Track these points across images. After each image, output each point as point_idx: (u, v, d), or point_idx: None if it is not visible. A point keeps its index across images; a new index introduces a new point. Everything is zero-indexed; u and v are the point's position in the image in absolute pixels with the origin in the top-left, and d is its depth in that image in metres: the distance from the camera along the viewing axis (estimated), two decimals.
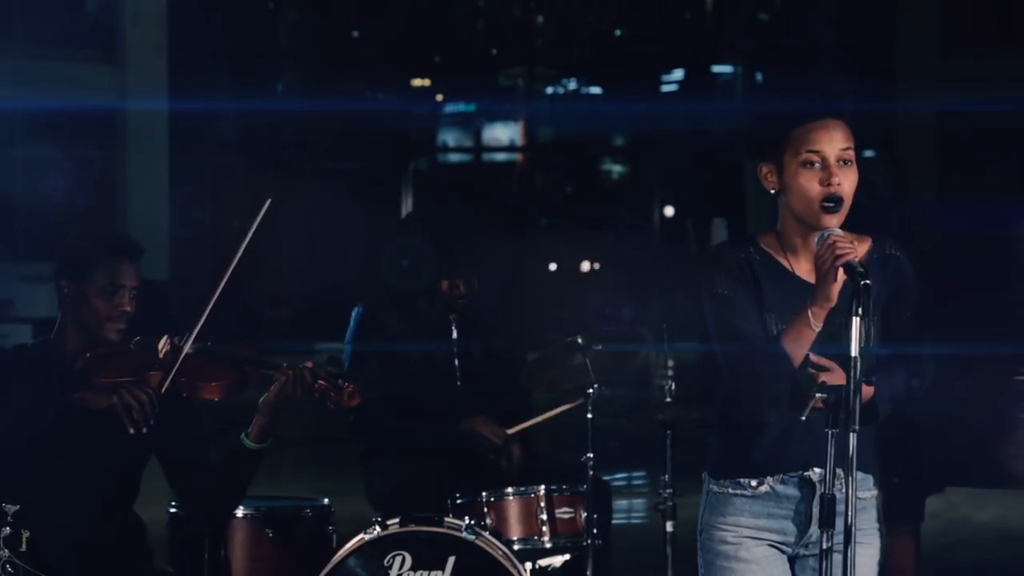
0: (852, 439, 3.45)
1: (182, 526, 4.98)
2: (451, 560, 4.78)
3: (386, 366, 5.46)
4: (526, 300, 18.11)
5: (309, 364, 4.18)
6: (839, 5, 19.15)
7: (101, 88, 17.66)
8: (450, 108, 27.83)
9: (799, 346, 3.59)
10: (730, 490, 3.72)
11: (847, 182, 3.64)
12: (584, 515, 5.18)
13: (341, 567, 4.80)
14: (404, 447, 5.46)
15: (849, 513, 3.45)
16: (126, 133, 17.95)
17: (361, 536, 4.85)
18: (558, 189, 26.27)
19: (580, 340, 5.22)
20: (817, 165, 3.63)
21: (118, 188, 18.11)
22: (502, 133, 28.92)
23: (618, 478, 9.27)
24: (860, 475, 3.72)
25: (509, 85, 25.76)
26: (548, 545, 5.19)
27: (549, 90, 24.07)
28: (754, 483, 3.70)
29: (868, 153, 21.63)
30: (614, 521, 5.77)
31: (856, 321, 3.45)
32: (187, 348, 4.06)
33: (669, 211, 23.83)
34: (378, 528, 4.86)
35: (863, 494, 3.76)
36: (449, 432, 5.42)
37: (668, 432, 5.43)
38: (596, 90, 23.98)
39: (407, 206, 22.42)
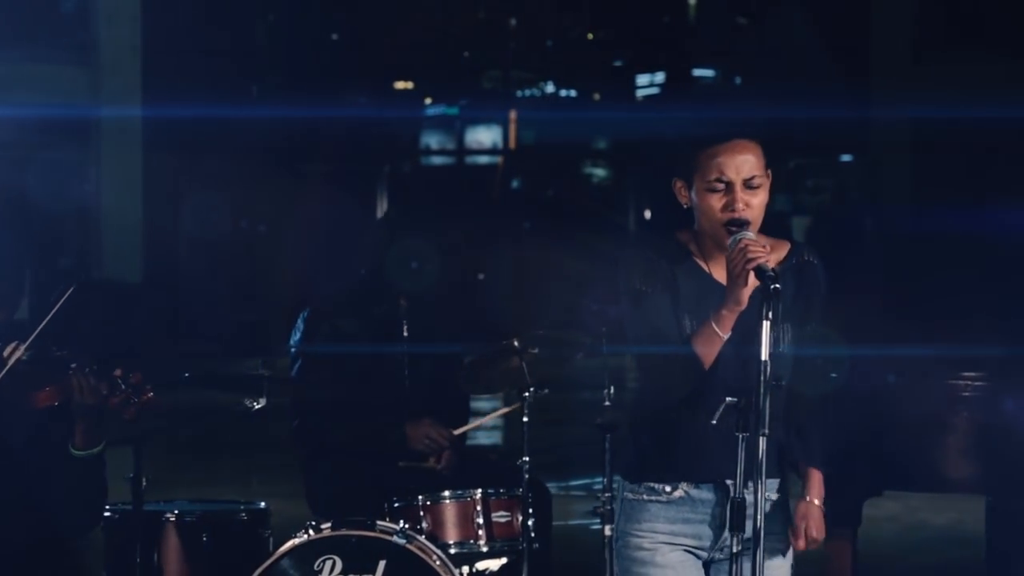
0: (761, 443, 3.46)
1: (115, 530, 4.97)
2: (382, 564, 4.78)
3: (335, 368, 5.44)
4: (513, 298, 18.11)
5: (118, 372, 4.10)
6: (814, 9, 19.16)
7: (75, 90, 17.62)
8: (432, 111, 27.80)
9: (708, 349, 3.62)
10: (645, 496, 3.74)
11: (755, 203, 3.66)
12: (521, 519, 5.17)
13: (272, 570, 4.78)
14: (349, 450, 5.43)
15: (759, 517, 3.46)
16: (100, 134, 17.89)
17: (292, 540, 4.84)
18: (541, 192, 26.26)
19: (516, 343, 5.21)
20: (722, 189, 3.65)
21: (91, 189, 18.05)
22: (485, 136, 28.91)
23: (596, 481, 9.24)
24: (768, 479, 3.74)
25: (492, 88, 25.74)
26: (484, 549, 5.18)
27: (527, 93, 24.04)
28: (668, 488, 3.72)
29: (846, 158, 21.67)
30: (593, 527, 5.76)
31: (766, 325, 3.47)
32: (16, 356, 4.03)
33: (647, 214, 23.81)
34: (311, 531, 4.85)
35: (774, 496, 3.80)
36: (396, 434, 5.40)
37: (607, 436, 5.43)
38: (572, 93, 23.95)
39: (382, 208, 22.41)
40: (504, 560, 5.24)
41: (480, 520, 5.17)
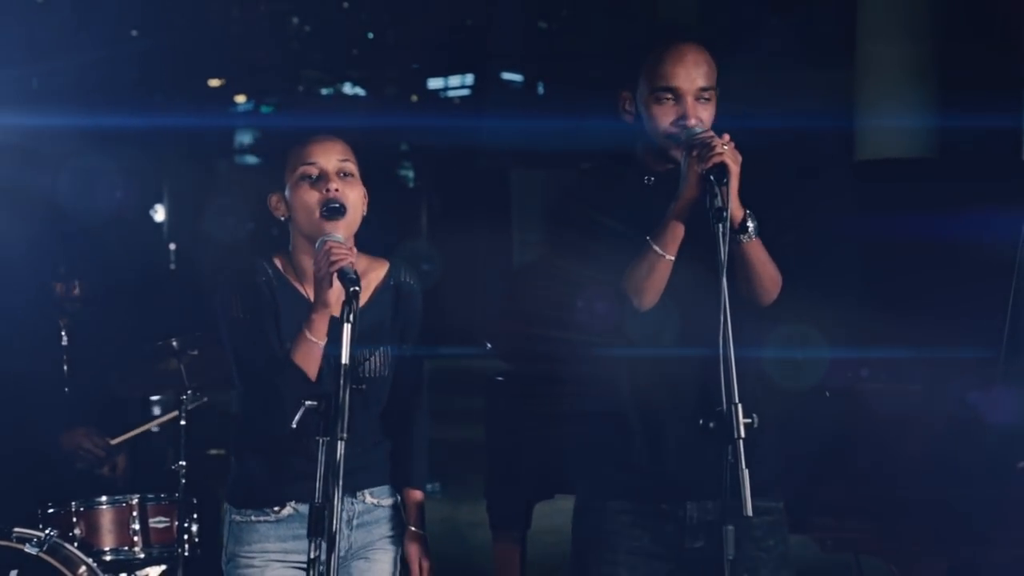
0: (340, 447, 3.38)
1: None
2: (13, 574, 4.61)
3: None
4: None
5: None
6: (606, 14, 19.27)
7: None
8: (244, 109, 27.43)
9: (309, 359, 3.57)
10: (253, 518, 3.71)
11: (351, 195, 3.66)
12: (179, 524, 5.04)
13: None
14: (3, 457, 5.24)
15: (335, 522, 3.38)
16: None
17: None
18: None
19: (175, 343, 5.07)
20: (314, 177, 3.64)
21: None
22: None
23: None
24: (378, 487, 3.75)
25: (302, 89, 25.51)
26: (141, 556, 5.05)
27: (324, 92, 23.85)
28: (277, 508, 3.69)
29: None
30: None
31: (347, 327, 3.40)
32: None
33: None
34: None
35: (384, 502, 3.75)
36: (51, 445, 5.22)
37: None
38: (361, 93, 23.82)
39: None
40: (163, 567, 5.10)
41: (136, 526, 5.04)
